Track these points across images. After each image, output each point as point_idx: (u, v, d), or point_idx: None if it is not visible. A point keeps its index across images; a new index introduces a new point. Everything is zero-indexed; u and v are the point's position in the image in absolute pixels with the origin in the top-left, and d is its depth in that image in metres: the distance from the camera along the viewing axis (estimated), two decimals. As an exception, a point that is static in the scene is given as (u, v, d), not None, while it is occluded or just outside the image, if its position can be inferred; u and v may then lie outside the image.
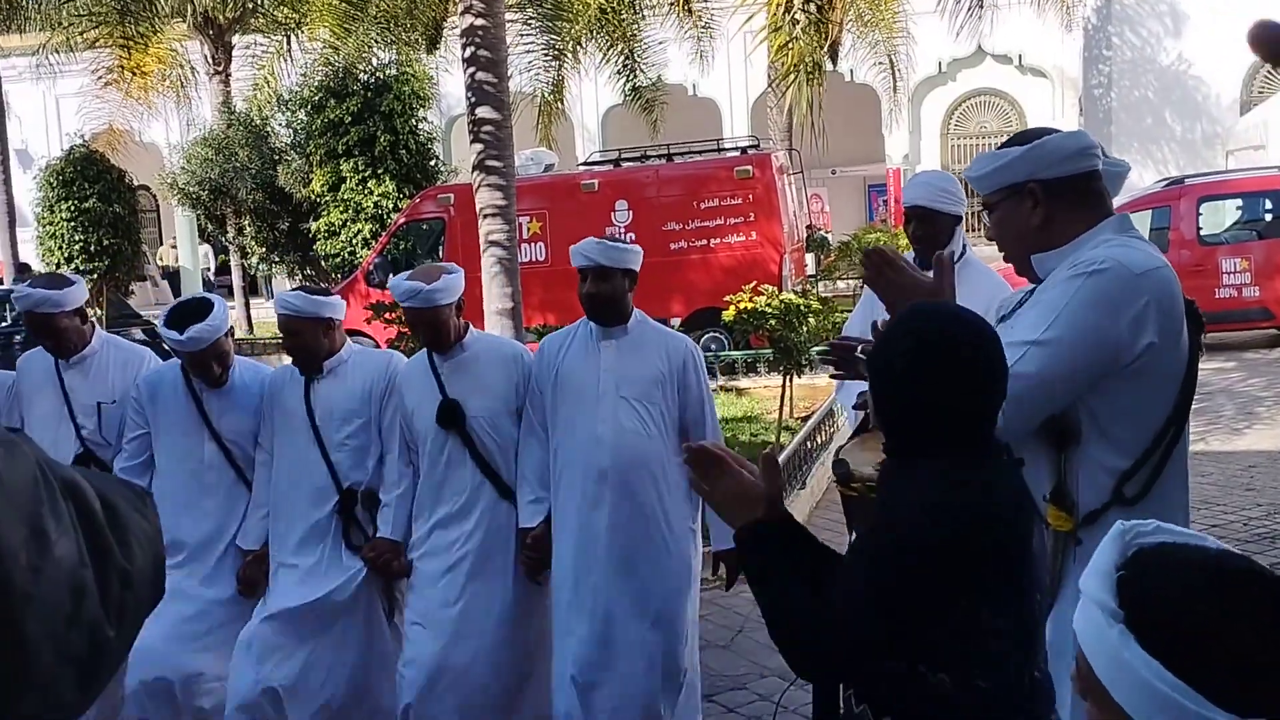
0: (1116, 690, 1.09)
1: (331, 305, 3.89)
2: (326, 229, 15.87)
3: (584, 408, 3.62)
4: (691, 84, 22.67)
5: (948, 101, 24.16)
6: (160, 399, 4.02)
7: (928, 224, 3.78)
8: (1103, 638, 1.10)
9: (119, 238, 16.75)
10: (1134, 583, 1.11)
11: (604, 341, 3.68)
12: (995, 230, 2.37)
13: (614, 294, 3.65)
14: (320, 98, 15.83)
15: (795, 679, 4.07)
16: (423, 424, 3.78)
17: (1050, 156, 2.25)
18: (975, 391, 1.78)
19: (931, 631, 1.73)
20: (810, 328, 9.15)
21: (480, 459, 3.75)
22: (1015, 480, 1.83)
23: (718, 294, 11.40)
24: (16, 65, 22.29)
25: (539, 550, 3.70)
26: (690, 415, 3.68)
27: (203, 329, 3.81)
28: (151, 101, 20.29)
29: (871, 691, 1.80)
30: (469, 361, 3.81)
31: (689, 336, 4.13)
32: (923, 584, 1.70)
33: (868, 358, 1.92)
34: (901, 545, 1.71)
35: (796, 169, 15.33)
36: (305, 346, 3.86)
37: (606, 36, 16.11)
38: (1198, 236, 12.81)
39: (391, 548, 3.83)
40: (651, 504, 3.62)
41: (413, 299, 3.71)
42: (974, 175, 2.35)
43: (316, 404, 3.87)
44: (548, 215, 13.68)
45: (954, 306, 1.98)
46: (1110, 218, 2.27)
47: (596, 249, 3.63)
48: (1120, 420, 2.16)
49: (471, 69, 8.08)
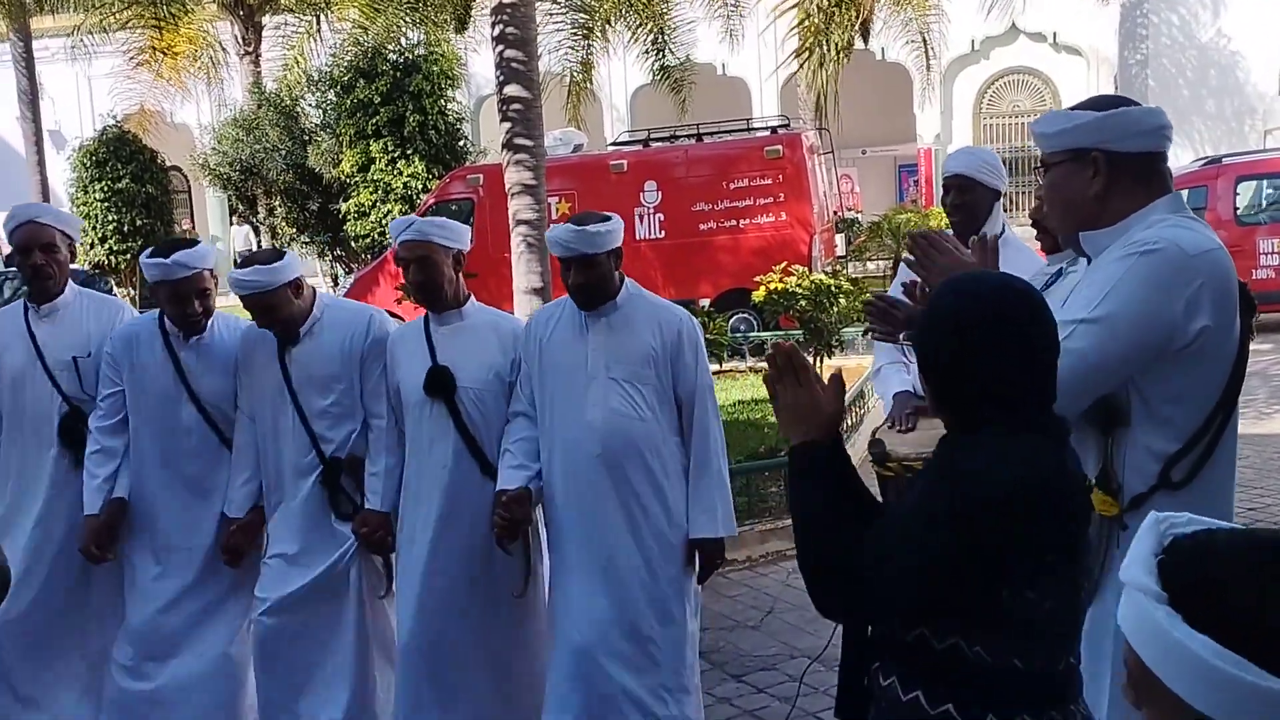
0: (1170, 677, 1.07)
1: (290, 265, 3.66)
2: (356, 209, 15.91)
3: (573, 391, 3.42)
4: (720, 63, 22.51)
5: (980, 80, 23.87)
6: (136, 356, 3.81)
7: (967, 193, 3.76)
8: (1150, 623, 1.09)
9: (151, 218, 16.87)
10: (1175, 565, 1.11)
11: (592, 320, 3.45)
12: (1047, 192, 2.31)
13: (602, 279, 3.40)
14: (350, 78, 15.85)
15: (819, 657, 4.01)
16: (409, 390, 3.59)
17: (1125, 128, 2.19)
18: (1029, 359, 1.74)
19: (975, 604, 1.70)
20: (840, 308, 9.10)
21: (465, 432, 3.53)
22: (1075, 458, 1.80)
23: (747, 275, 11.35)
24: (50, 47, 22.45)
25: (512, 511, 3.39)
26: (683, 390, 3.44)
27: (190, 254, 3.63)
28: (183, 82, 20.39)
29: (902, 662, 1.78)
30: (465, 330, 3.61)
31: (697, 314, 4.03)
32: (977, 551, 1.67)
33: (914, 332, 1.89)
34: (962, 509, 1.67)
35: (827, 149, 15.21)
36: (283, 319, 3.64)
37: (635, 15, 16.03)
38: (1235, 216, 12.63)
39: (382, 521, 3.64)
40: (646, 490, 3.41)
41: (406, 229, 3.51)
42: (1041, 131, 2.27)
43: (293, 370, 3.67)
44: (576, 195, 13.64)
45: (1000, 275, 1.94)
46: (1163, 197, 2.21)
47: (576, 237, 3.35)
48: (1170, 403, 2.12)
49: (501, 47, 8.06)
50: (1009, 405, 1.74)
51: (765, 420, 8.89)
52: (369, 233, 15.77)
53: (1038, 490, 1.68)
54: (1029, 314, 1.75)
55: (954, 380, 1.78)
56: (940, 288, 1.87)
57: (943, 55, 20.48)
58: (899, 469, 3.41)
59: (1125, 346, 2.08)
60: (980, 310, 1.75)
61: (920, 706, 1.74)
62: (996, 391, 1.74)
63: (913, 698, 1.76)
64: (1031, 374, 1.75)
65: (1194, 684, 1.05)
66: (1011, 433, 1.72)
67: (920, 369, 1.85)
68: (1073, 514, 1.72)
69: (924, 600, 1.72)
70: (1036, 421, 1.76)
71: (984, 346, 1.73)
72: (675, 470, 3.46)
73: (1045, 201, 2.33)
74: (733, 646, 4.95)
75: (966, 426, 1.78)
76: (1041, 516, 1.67)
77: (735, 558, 5.98)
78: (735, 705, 4.39)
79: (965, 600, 1.70)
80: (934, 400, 1.84)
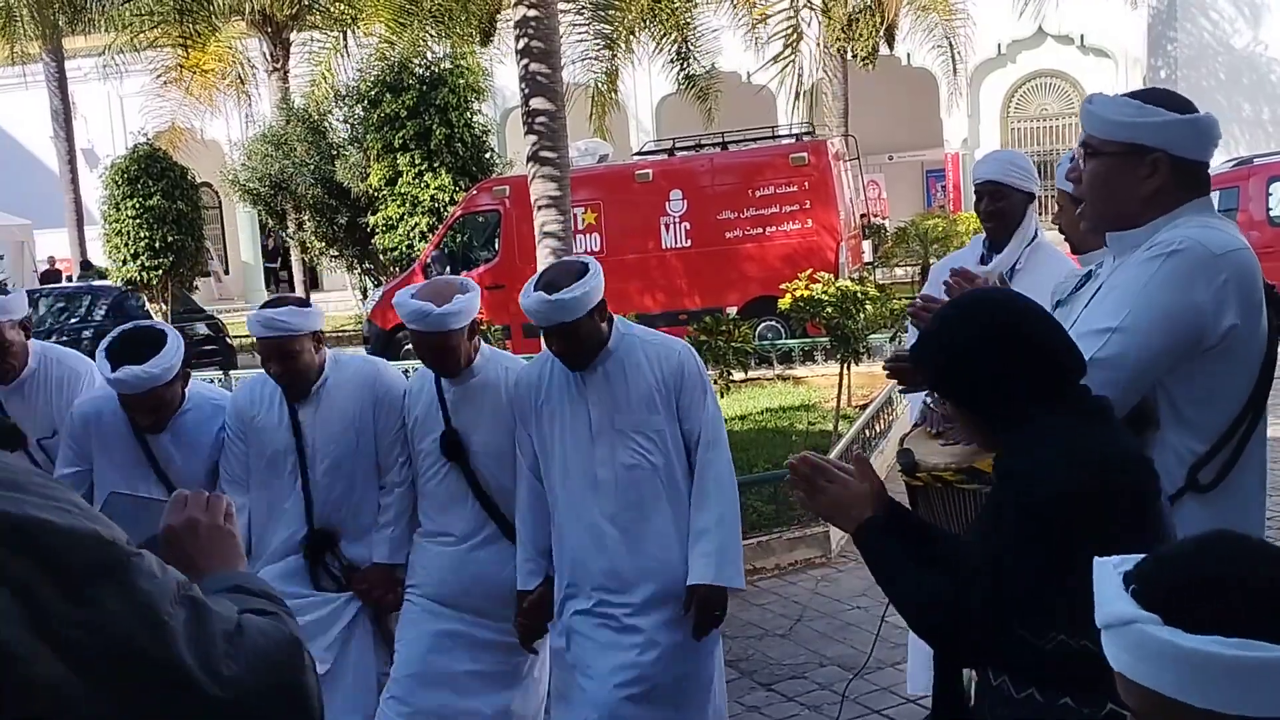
0: (1197, 694, 1.04)
1: (319, 313, 3.45)
2: (384, 223, 16.01)
3: (579, 453, 3.17)
4: (745, 71, 22.53)
5: (1007, 84, 23.75)
6: (98, 434, 3.45)
7: (999, 200, 3.72)
8: (1154, 650, 1.06)
9: (183, 234, 16.98)
10: (1146, 589, 1.09)
11: (587, 374, 3.17)
12: (1089, 179, 2.22)
13: (588, 341, 3.10)
14: (376, 92, 15.95)
15: (859, 670, 3.96)
16: (425, 447, 3.43)
17: (1194, 136, 2.14)
18: (1039, 341, 1.82)
19: (1068, 597, 1.69)
20: (868, 315, 9.05)
21: (482, 495, 3.39)
22: (1126, 432, 1.84)
23: (773, 282, 11.33)
24: (82, 66, 22.80)
25: (535, 616, 3.29)
26: (690, 426, 3.18)
27: (135, 373, 3.17)
28: (212, 99, 20.62)
29: (996, 660, 1.79)
30: (477, 389, 3.38)
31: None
32: (1054, 545, 1.67)
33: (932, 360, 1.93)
34: (1027, 507, 1.69)
35: (853, 155, 15.17)
36: (300, 370, 3.38)
37: (659, 25, 16.04)
38: (1267, 217, 12.49)
39: (386, 576, 3.46)
40: (666, 540, 3.16)
41: (420, 322, 3.21)
42: (1102, 115, 2.16)
43: (305, 434, 3.43)
44: (602, 206, 13.69)
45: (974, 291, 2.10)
46: (1194, 200, 2.18)
47: (551, 308, 2.99)
48: (1196, 404, 2.10)
49: (525, 60, 8.10)
50: (1040, 394, 1.78)
51: (793, 428, 8.88)
52: (397, 245, 15.87)
53: (1093, 470, 1.69)
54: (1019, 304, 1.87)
55: (981, 387, 1.83)
56: (934, 323, 1.94)
57: (969, 59, 20.40)
58: (928, 479, 3.37)
59: (1159, 348, 2.06)
60: (975, 313, 1.87)
61: (1036, 702, 1.75)
62: (1024, 383, 1.79)
63: (1027, 694, 1.76)
64: (1047, 356, 1.80)
65: (1224, 689, 1.02)
66: (1053, 421, 1.75)
67: (946, 395, 1.91)
68: (1135, 484, 1.73)
69: (1019, 607, 1.72)
70: (1073, 403, 1.79)
71: (994, 340, 1.80)
72: (684, 501, 3.21)
73: (1086, 188, 2.23)
74: (761, 655, 4.93)
75: (1008, 428, 1.81)
76: (1104, 495, 1.68)
77: (764, 566, 5.97)
78: (764, 714, 4.38)
79: (1058, 596, 1.69)
80: (967, 417, 1.89)
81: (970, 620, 1.74)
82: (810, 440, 8.16)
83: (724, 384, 9.18)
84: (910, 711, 4.17)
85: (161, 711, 1.10)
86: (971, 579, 1.73)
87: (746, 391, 10.61)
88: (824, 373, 11.13)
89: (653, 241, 13.65)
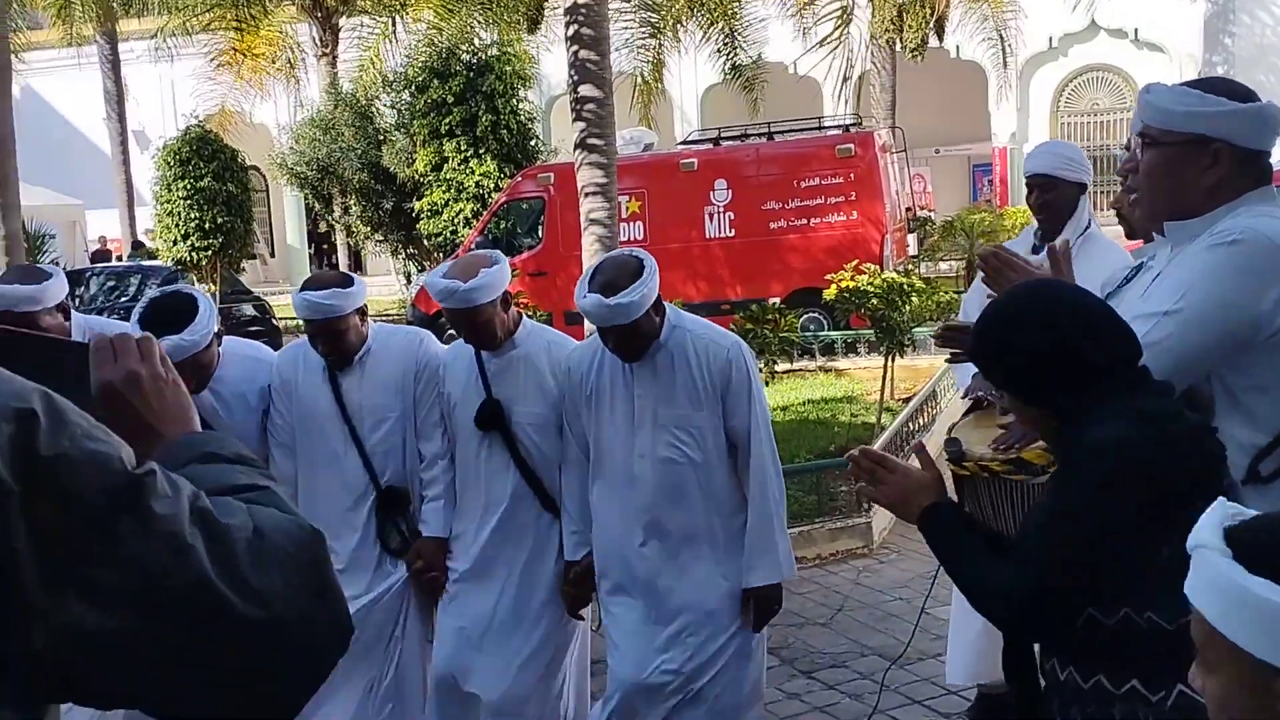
0: (1233, 628, 1.08)
1: (362, 290, 3.49)
2: (429, 208, 16.11)
3: (619, 440, 3.23)
4: (792, 62, 22.42)
5: (1058, 78, 23.45)
6: None
7: (1050, 191, 3.73)
8: (1212, 576, 1.10)
9: (232, 216, 17.17)
10: (1242, 529, 1.13)
11: (637, 365, 3.21)
12: (1148, 170, 2.19)
13: (643, 338, 3.14)
14: (424, 78, 16.04)
15: (898, 658, 3.97)
16: (463, 422, 3.45)
17: (1257, 125, 2.11)
18: (1095, 326, 1.82)
19: (1139, 570, 1.71)
20: (913, 307, 9.02)
21: (524, 465, 3.41)
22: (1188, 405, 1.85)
23: (818, 274, 11.30)
24: (135, 49, 23.11)
25: (582, 585, 3.39)
26: (736, 424, 3.19)
27: (175, 342, 3.14)
28: (262, 83, 20.84)
29: (1074, 651, 1.80)
30: (518, 361, 3.42)
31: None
32: (1125, 518, 1.69)
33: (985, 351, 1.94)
34: (1099, 482, 1.70)
35: (899, 147, 15.06)
36: (346, 347, 3.45)
37: (706, 14, 16.02)
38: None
39: (438, 549, 3.50)
40: (697, 529, 3.22)
41: (450, 299, 3.26)
42: (1162, 105, 2.13)
43: (348, 400, 3.48)
44: (647, 195, 13.68)
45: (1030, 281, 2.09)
46: (1255, 189, 2.16)
47: (610, 311, 3.02)
48: (1257, 394, 2.09)
49: (575, 47, 8.12)
50: (1102, 381, 1.78)
51: (835, 419, 8.86)
52: (441, 231, 15.97)
53: (1169, 440, 1.70)
54: (1069, 294, 1.90)
55: (1043, 383, 1.83)
56: (989, 322, 1.93)
57: (1019, 52, 20.18)
58: (975, 468, 3.37)
59: (1208, 337, 2.06)
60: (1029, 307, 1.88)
61: (1104, 688, 1.75)
62: (1084, 373, 1.79)
63: (1094, 681, 1.77)
64: (1104, 344, 1.81)
65: (1256, 631, 1.06)
66: (1120, 404, 1.76)
67: (1002, 386, 1.92)
68: (1201, 455, 1.74)
69: (1090, 584, 1.73)
70: (1138, 385, 1.80)
71: (1052, 331, 1.81)
72: (730, 510, 3.24)
73: (1144, 179, 2.20)
74: (802, 643, 4.95)
75: (1068, 415, 1.81)
76: (1170, 464, 1.69)
77: (805, 555, 5.97)
78: (804, 701, 4.39)
79: (1128, 569, 1.70)
80: (1028, 411, 1.90)
81: (1041, 601, 1.75)
82: (853, 432, 8.14)
83: (768, 373, 9.18)
84: (950, 702, 4.17)
85: (190, 640, 0.99)
86: (1043, 556, 1.74)
87: (788, 382, 10.60)
88: (866, 365, 11.09)
89: (696, 231, 13.64)
